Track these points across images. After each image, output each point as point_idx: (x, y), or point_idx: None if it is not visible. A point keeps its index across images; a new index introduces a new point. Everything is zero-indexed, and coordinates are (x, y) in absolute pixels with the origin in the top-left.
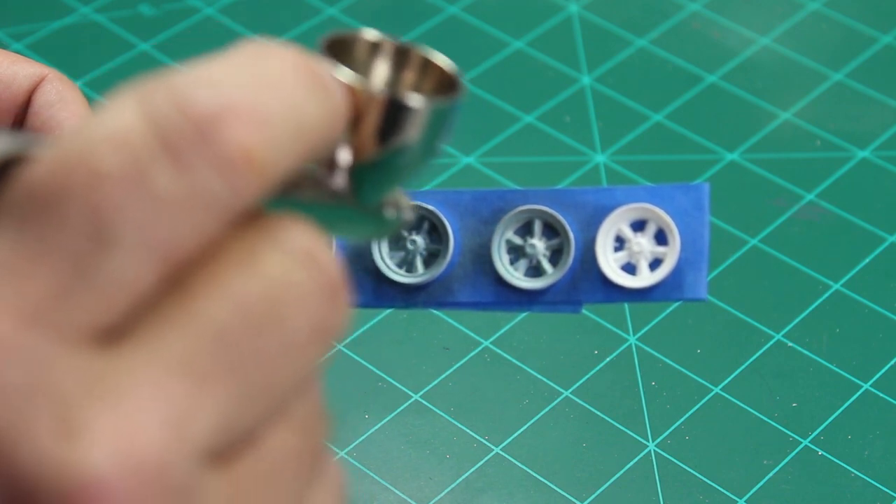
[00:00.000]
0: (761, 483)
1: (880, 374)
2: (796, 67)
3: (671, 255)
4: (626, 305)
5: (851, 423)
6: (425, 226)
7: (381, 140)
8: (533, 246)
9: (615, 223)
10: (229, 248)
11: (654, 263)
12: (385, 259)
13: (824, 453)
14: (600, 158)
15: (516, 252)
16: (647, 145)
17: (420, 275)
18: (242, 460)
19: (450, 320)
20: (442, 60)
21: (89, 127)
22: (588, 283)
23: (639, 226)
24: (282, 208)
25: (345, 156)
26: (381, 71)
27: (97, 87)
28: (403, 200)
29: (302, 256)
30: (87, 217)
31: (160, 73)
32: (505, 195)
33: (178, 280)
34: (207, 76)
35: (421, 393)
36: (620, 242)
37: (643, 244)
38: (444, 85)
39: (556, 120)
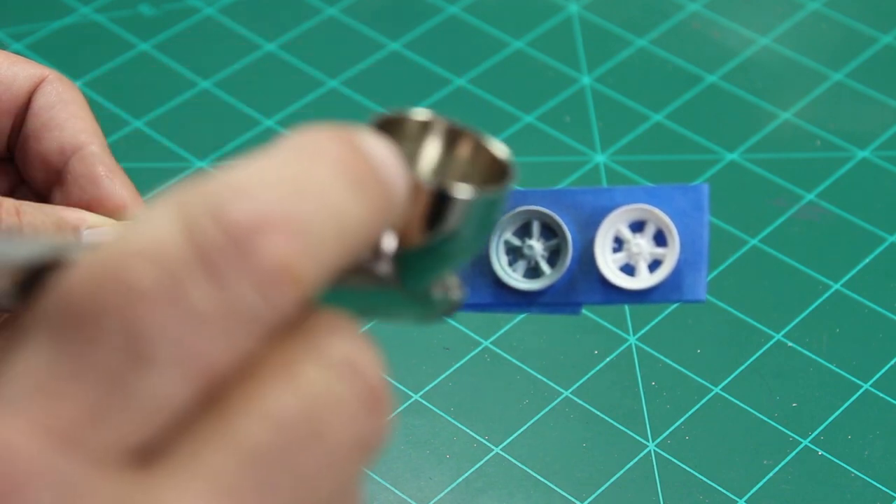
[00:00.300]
0: (761, 483)
1: (880, 374)
2: (796, 67)
3: (670, 256)
4: (625, 305)
5: (851, 423)
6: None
7: (428, 228)
8: (531, 247)
9: (614, 224)
10: (267, 363)
11: (653, 264)
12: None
13: (824, 453)
14: (600, 158)
15: (514, 253)
16: (647, 145)
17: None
18: None
19: (450, 320)
20: (494, 145)
21: (125, 237)
22: (587, 284)
23: (638, 227)
24: (324, 298)
25: (390, 242)
26: (430, 153)
27: (97, 87)
28: (452, 281)
29: (342, 368)
30: (122, 334)
31: (198, 178)
32: None
33: (215, 397)
34: (244, 182)
35: (421, 393)
36: (619, 243)
37: (642, 245)
38: (496, 169)
39: (556, 120)
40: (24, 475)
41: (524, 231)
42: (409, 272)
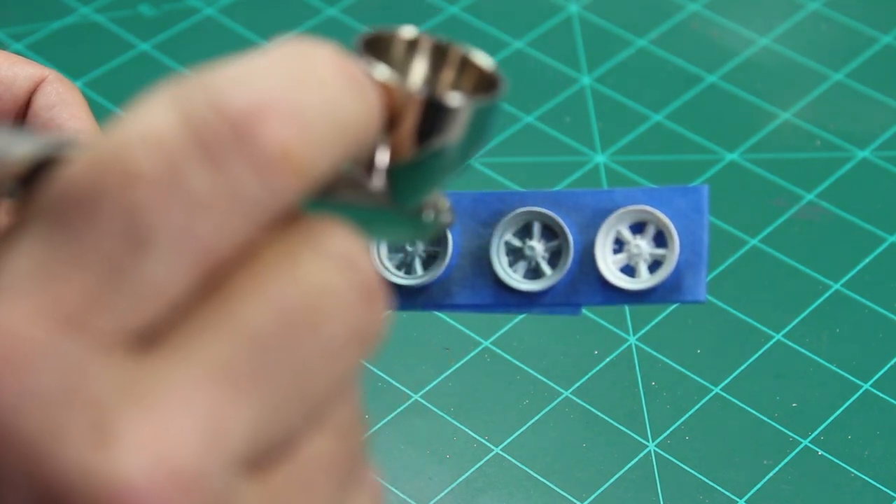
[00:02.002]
0: (761, 483)
1: (880, 374)
2: (796, 67)
3: (670, 257)
4: (625, 306)
5: (851, 423)
6: None
7: (420, 141)
8: (532, 248)
9: (614, 225)
10: (266, 252)
11: (654, 266)
12: (384, 261)
13: (824, 453)
14: (600, 158)
15: (515, 254)
16: (647, 145)
17: (419, 277)
18: (279, 468)
19: (450, 320)
20: (481, 58)
21: (123, 127)
22: (587, 285)
23: (638, 228)
24: (319, 210)
25: (383, 157)
26: (419, 69)
27: (97, 87)
28: (442, 203)
29: (340, 261)
30: (121, 218)
31: (195, 70)
32: (504, 197)
33: (215, 284)
34: (243, 74)
35: (421, 393)
36: (619, 244)
37: (642, 246)
38: (484, 83)
39: (556, 120)
40: (25, 357)
41: (525, 232)
42: (401, 187)
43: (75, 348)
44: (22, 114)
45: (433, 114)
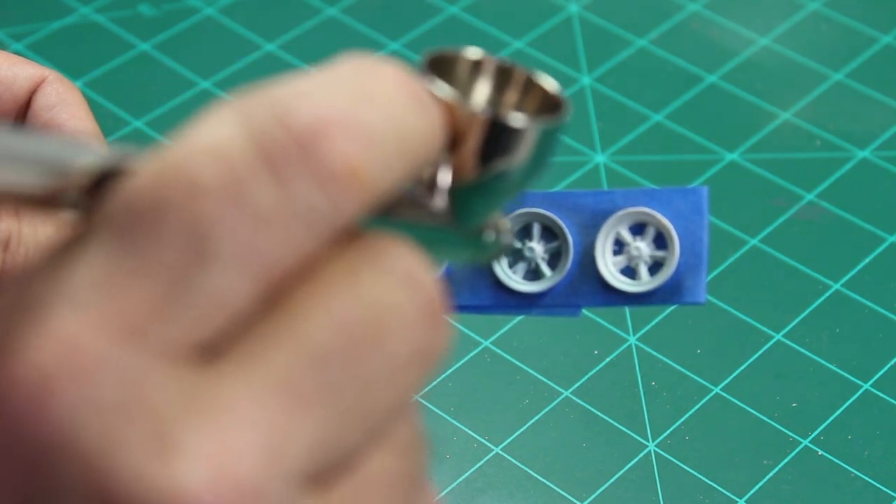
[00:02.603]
0: (761, 483)
1: (880, 374)
2: (796, 67)
3: (670, 259)
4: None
5: (851, 423)
6: None
7: (483, 161)
8: (531, 249)
9: (614, 227)
10: (329, 268)
11: (654, 267)
12: None
13: (824, 453)
14: (600, 158)
15: (515, 255)
16: (647, 145)
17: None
18: (339, 484)
19: (450, 320)
20: (545, 80)
21: (187, 140)
22: (587, 287)
23: (638, 229)
24: (381, 228)
25: (445, 177)
26: (482, 90)
27: (97, 87)
28: (503, 224)
29: (403, 278)
30: (185, 231)
31: (260, 86)
32: None
33: (277, 298)
34: (308, 89)
35: (421, 393)
36: (619, 246)
37: (642, 248)
38: (547, 105)
39: None
40: (88, 368)
41: (525, 233)
42: (463, 207)
43: (138, 360)
44: (22, 114)
45: (497, 135)
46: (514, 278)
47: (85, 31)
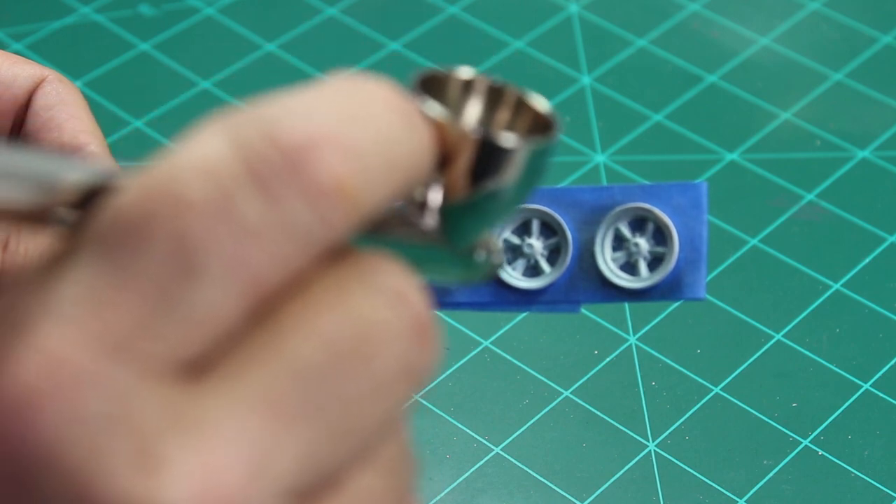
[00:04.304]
0: (761, 483)
1: (880, 374)
2: (796, 67)
3: (669, 254)
4: (626, 305)
5: (851, 423)
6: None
7: (474, 181)
8: (531, 245)
9: (613, 223)
10: (317, 285)
11: (653, 263)
12: None
13: (824, 453)
14: (600, 158)
15: (514, 252)
16: (647, 145)
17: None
18: (326, 502)
19: (450, 320)
20: (537, 100)
21: (175, 156)
22: (586, 283)
23: (637, 225)
24: (371, 246)
25: (436, 196)
26: (474, 110)
27: (97, 87)
28: (494, 244)
29: (391, 295)
30: (172, 246)
31: (248, 104)
32: None
33: (265, 315)
34: (297, 106)
35: (421, 393)
36: (619, 242)
37: (641, 244)
38: (539, 125)
39: None
40: (73, 383)
41: (524, 229)
42: (454, 227)
43: (123, 375)
44: (21, 114)
45: (488, 154)
46: (513, 275)
47: (85, 31)
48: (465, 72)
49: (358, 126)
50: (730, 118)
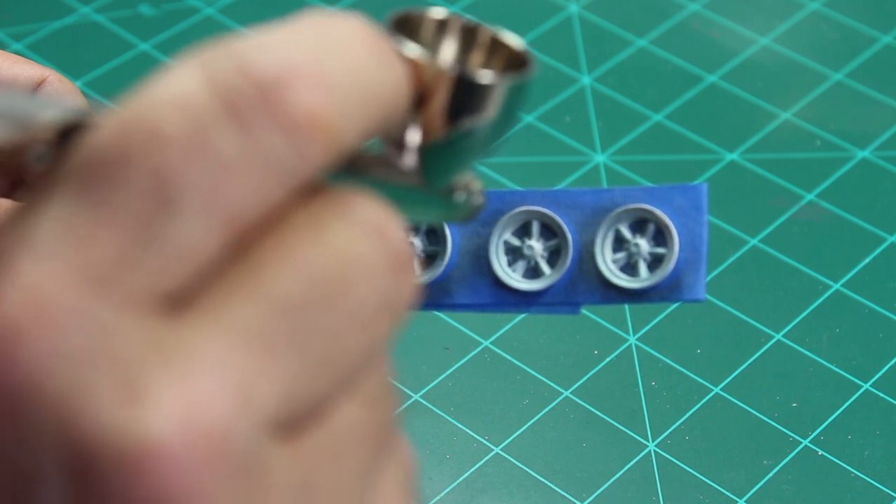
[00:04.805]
0: (761, 483)
1: (880, 374)
2: (796, 67)
3: (669, 255)
4: (625, 305)
5: (851, 423)
6: (423, 227)
7: (451, 119)
8: (531, 247)
9: (614, 224)
10: (295, 218)
11: (653, 264)
12: None
13: (824, 453)
14: (600, 158)
15: (514, 253)
16: (647, 145)
17: (418, 277)
18: (308, 433)
19: (450, 320)
20: (511, 38)
21: (150, 91)
22: (586, 285)
23: (638, 227)
24: (349, 185)
25: (414, 136)
26: (448, 49)
27: (97, 87)
28: (474, 185)
29: (369, 229)
30: (149, 180)
31: (223, 38)
32: (503, 196)
33: (243, 248)
34: (271, 41)
35: (421, 393)
36: (619, 243)
37: (641, 245)
38: (514, 63)
39: (556, 120)
40: (54, 317)
41: (524, 231)
42: (432, 166)
43: (104, 308)
44: None
45: (464, 92)
46: (513, 276)
47: (85, 31)
48: (438, 12)
49: (333, 60)
50: (730, 118)
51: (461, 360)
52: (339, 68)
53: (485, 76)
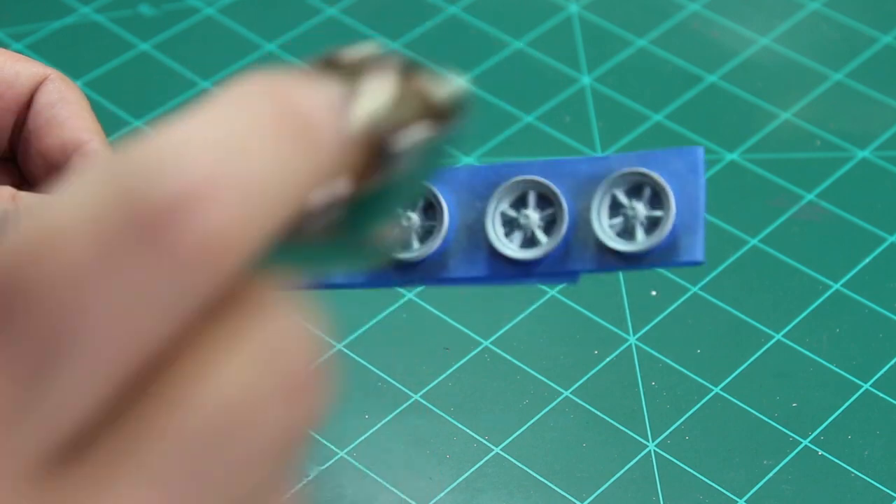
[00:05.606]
0: (761, 483)
1: (880, 374)
2: (796, 67)
3: (666, 216)
4: (625, 304)
5: (851, 423)
6: (420, 202)
7: (369, 176)
8: (527, 217)
9: (609, 189)
10: (193, 351)
11: (650, 228)
12: None
13: (824, 453)
14: None
15: (511, 225)
16: (647, 145)
17: (415, 251)
18: None
19: (450, 320)
20: (444, 82)
21: (47, 214)
22: (583, 251)
23: (634, 192)
24: (262, 270)
25: (330, 193)
26: (380, 88)
27: (97, 87)
28: (391, 232)
29: (267, 358)
30: (33, 326)
31: (127, 143)
32: (499, 168)
33: (139, 390)
34: (174, 150)
35: (421, 393)
36: (616, 209)
37: (638, 209)
38: (447, 104)
39: (556, 120)
40: None
41: (520, 202)
42: (349, 221)
43: None
44: (24, 112)
45: (382, 152)
46: (509, 247)
47: (85, 31)
48: (367, 49)
49: (243, 160)
50: (730, 118)
51: (461, 360)
52: (251, 168)
53: (404, 140)
